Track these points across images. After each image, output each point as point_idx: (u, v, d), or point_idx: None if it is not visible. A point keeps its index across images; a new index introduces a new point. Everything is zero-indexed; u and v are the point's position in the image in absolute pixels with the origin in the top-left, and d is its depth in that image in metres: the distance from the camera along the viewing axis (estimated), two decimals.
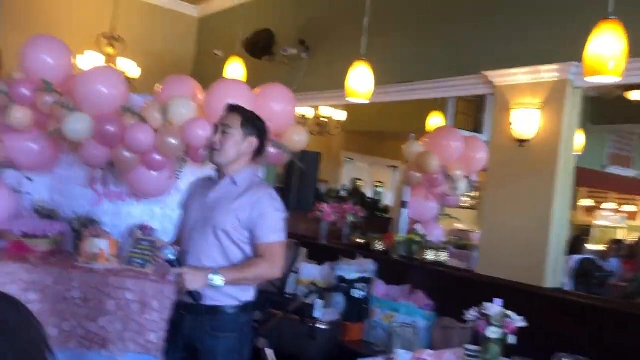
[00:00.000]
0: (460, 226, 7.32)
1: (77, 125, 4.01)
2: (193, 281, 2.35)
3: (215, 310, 2.45)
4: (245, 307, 2.50)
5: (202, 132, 3.95)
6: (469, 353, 2.68)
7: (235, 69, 5.28)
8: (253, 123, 2.60)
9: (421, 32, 4.76)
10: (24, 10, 6.19)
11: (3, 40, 4.93)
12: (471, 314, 2.53)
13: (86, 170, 4.63)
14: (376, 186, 9.71)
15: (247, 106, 3.82)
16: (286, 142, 4.32)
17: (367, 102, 3.94)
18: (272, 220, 2.47)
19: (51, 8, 6.58)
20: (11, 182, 4.54)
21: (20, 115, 4.20)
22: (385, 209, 7.40)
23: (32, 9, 6.34)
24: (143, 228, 4.52)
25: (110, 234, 4.43)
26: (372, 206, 7.21)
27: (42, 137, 4.27)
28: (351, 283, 3.51)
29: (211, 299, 2.43)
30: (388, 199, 9.08)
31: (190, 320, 2.49)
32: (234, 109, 2.62)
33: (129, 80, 6.31)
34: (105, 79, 4.10)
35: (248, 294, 2.51)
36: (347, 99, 3.91)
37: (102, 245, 4.24)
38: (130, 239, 4.42)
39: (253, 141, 2.57)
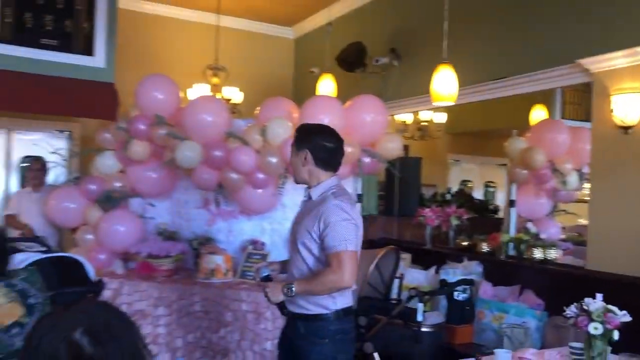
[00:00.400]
0: (582, 221, 6.94)
1: (188, 152, 4.38)
2: (273, 295, 2.56)
3: (307, 317, 2.60)
4: (337, 315, 2.58)
5: None
6: (574, 351, 2.61)
7: (326, 85, 5.46)
8: (300, 137, 2.70)
9: (509, 26, 4.65)
10: (136, 53, 6.82)
11: (119, 80, 5.49)
12: (572, 310, 2.46)
13: (200, 193, 5.03)
14: (487, 186, 9.45)
15: (337, 119, 4.00)
16: (380, 151, 4.41)
17: (453, 104, 3.93)
18: (337, 229, 2.48)
19: (161, 48, 7.20)
20: (136, 209, 5.04)
21: (139, 148, 4.67)
22: (496, 209, 7.20)
23: (144, 50, 6.97)
24: (254, 243, 4.82)
25: (225, 250, 4.78)
26: (481, 207, 7.05)
27: (159, 166, 4.70)
28: (452, 286, 3.51)
29: (300, 307, 2.61)
30: (500, 199, 8.81)
31: (291, 324, 2.67)
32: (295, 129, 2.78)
33: (234, 106, 6.74)
34: (209, 108, 4.45)
35: (338, 302, 2.58)
36: (433, 103, 3.94)
37: (218, 260, 4.58)
38: (243, 254, 4.73)
39: (305, 154, 2.65)
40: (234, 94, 6.75)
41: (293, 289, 2.51)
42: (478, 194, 8.67)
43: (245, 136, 4.39)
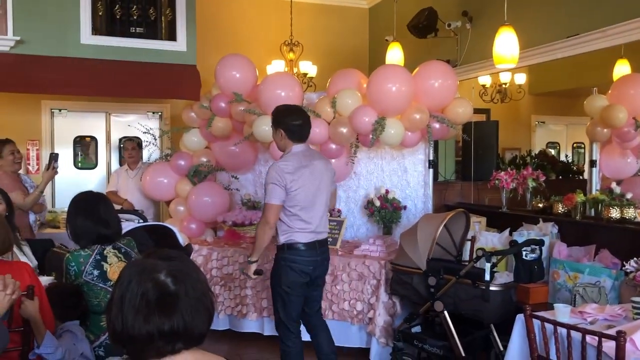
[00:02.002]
0: None
1: (265, 127, 4.64)
2: (248, 271, 3.60)
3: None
4: (282, 247, 3.52)
5: (368, 119, 4.30)
6: (636, 305, 2.62)
7: (395, 53, 5.52)
8: (275, 119, 3.50)
9: None
10: (216, 33, 7.16)
11: (201, 61, 5.84)
12: (631, 265, 2.48)
13: None
14: (576, 147, 9.12)
15: (405, 87, 4.10)
16: (450, 116, 4.45)
17: (514, 66, 3.90)
18: (266, 188, 3.40)
19: (239, 27, 7.48)
20: (222, 182, 5.42)
21: (221, 124, 5.00)
22: (580, 171, 7.00)
23: (223, 31, 7.29)
24: (331, 210, 5.03)
25: None
26: (564, 169, 6.88)
27: (240, 141, 5.01)
28: (520, 246, 3.54)
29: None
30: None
31: None
32: None
33: (310, 80, 6.95)
34: (282, 84, 4.67)
35: (281, 239, 3.50)
36: (495, 65, 3.92)
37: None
38: None
39: (280, 132, 3.46)
40: (310, 68, 6.94)
41: (249, 259, 3.55)
42: (565, 155, 8.41)
43: (316, 109, 4.58)
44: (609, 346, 2.23)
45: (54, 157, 4.41)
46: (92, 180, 6.92)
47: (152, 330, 1.28)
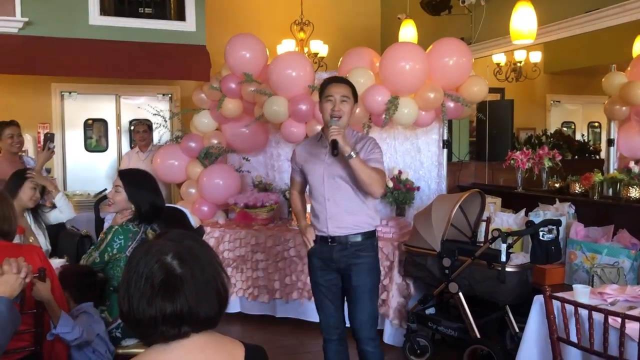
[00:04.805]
0: None
1: (275, 107, 4.58)
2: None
3: None
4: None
5: (381, 98, 4.22)
6: None
7: (408, 31, 5.41)
8: (354, 92, 3.10)
9: None
10: (226, 13, 7.07)
11: (210, 42, 5.76)
12: None
13: (290, 146, 5.24)
14: (591, 127, 8.98)
15: (419, 65, 4.00)
16: (465, 94, 4.35)
17: (532, 42, 3.79)
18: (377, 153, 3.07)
19: (248, 6, 7.39)
20: (234, 164, 5.37)
21: (231, 106, 4.94)
22: (597, 150, 6.88)
23: (232, 10, 7.20)
24: None
25: None
26: (581, 148, 6.76)
27: (251, 122, 4.95)
28: (537, 226, 3.47)
29: None
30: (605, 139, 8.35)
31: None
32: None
33: (321, 59, 6.85)
34: (292, 64, 4.59)
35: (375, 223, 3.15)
36: (512, 41, 3.82)
37: (308, 209, 4.80)
38: None
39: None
40: (321, 48, 6.85)
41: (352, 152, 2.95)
42: (581, 135, 8.28)
43: None
44: (632, 327, 2.17)
45: (49, 138, 4.36)
46: (103, 163, 6.91)
47: (154, 314, 1.24)
